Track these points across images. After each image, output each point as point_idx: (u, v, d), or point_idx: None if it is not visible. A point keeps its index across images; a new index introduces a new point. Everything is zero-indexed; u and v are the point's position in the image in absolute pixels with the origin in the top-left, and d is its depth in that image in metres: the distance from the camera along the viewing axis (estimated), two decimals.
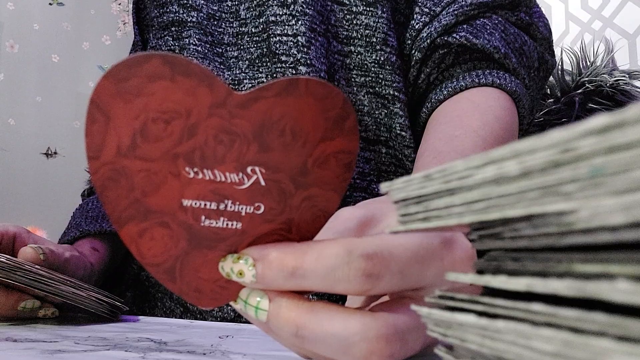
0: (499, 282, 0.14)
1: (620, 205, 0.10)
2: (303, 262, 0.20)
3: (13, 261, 0.39)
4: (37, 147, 2.32)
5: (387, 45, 0.53)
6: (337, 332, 0.20)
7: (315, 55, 0.51)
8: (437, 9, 0.53)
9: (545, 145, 0.12)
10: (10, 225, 0.48)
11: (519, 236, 0.14)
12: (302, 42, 0.51)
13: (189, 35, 0.56)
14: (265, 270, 0.21)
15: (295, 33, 0.51)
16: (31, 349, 0.29)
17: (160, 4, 0.59)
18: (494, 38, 0.50)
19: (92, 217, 0.58)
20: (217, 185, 0.21)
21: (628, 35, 1.83)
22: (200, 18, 0.57)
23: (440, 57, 0.52)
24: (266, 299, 0.21)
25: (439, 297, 0.17)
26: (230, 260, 0.22)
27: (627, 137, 0.10)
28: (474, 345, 0.14)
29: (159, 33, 0.59)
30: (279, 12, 0.52)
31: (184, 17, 0.57)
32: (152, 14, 0.61)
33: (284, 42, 0.51)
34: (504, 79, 0.49)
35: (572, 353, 0.11)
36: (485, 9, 0.52)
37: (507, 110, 0.47)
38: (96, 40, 2.46)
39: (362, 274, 0.20)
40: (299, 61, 0.51)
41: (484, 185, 0.14)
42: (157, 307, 0.56)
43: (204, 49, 0.56)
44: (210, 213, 0.21)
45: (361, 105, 0.53)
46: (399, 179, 0.17)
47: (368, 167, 0.52)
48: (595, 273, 0.11)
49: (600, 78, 0.74)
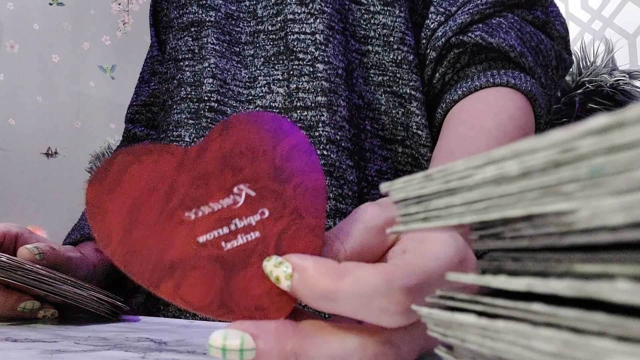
0: (500, 282, 0.14)
1: (620, 205, 0.10)
2: (338, 286, 0.20)
3: (14, 261, 0.39)
4: (37, 147, 2.32)
5: (405, 44, 0.53)
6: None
7: (333, 52, 0.51)
8: (452, 8, 0.53)
9: (545, 145, 0.12)
10: (13, 225, 0.48)
11: (519, 236, 0.14)
12: (320, 39, 0.51)
13: (207, 35, 0.57)
14: (299, 285, 0.21)
15: (313, 31, 0.51)
16: (31, 349, 0.29)
17: (179, 5, 0.60)
18: (509, 37, 0.50)
19: None
20: (219, 213, 0.24)
21: (628, 35, 1.83)
22: (218, 17, 0.57)
23: (455, 56, 0.52)
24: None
25: (439, 297, 0.17)
26: (272, 263, 0.22)
27: (627, 137, 0.10)
28: (474, 345, 0.14)
29: (179, 34, 0.59)
30: (298, 10, 0.53)
31: (203, 17, 0.57)
32: (171, 15, 0.61)
33: (302, 40, 0.52)
34: (519, 79, 0.48)
35: (572, 353, 0.11)
36: (501, 8, 0.52)
37: (521, 109, 0.47)
38: (96, 40, 2.46)
39: (401, 308, 0.20)
40: (317, 59, 0.51)
41: (484, 185, 0.14)
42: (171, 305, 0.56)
43: (222, 48, 0.56)
44: (227, 237, 0.24)
45: (378, 104, 0.53)
46: (399, 179, 0.17)
47: (385, 166, 0.53)
48: (595, 273, 0.11)
49: (600, 78, 0.74)
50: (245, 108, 0.55)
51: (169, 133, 0.58)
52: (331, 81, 0.51)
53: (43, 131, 2.32)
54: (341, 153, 0.50)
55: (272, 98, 0.53)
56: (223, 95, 0.55)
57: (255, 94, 0.54)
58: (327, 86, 0.50)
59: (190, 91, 0.56)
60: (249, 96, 0.55)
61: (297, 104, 0.51)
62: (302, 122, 0.51)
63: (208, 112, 0.55)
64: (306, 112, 0.51)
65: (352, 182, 0.50)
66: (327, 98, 0.50)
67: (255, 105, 0.54)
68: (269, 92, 0.54)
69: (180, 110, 0.57)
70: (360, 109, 0.53)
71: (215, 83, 0.55)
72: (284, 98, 0.52)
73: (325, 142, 0.50)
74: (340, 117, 0.50)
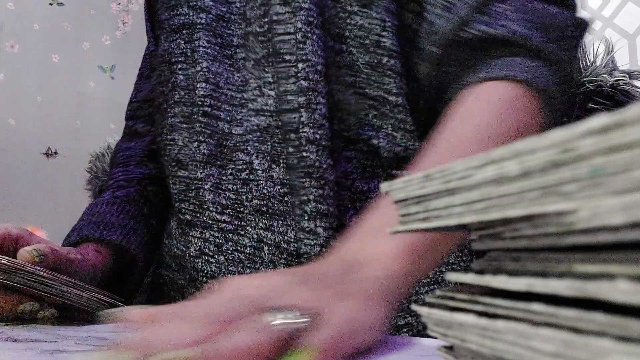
0: (499, 282, 0.14)
1: (620, 205, 0.10)
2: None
3: (14, 263, 0.39)
4: (37, 147, 2.32)
5: (380, 47, 0.52)
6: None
7: (311, 49, 0.50)
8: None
9: (545, 145, 0.12)
10: (13, 227, 0.47)
11: (519, 236, 0.14)
12: (299, 38, 0.50)
13: (198, 38, 0.56)
14: None
15: (295, 30, 0.51)
16: (31, 349, 0.29)
17: (170, 7, 0.59)
18: (512, 23, 0.48)
19: (94, 223, 0.58)
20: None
21: (628, 35, 1.83)
22: (209, 20, 0.56)
23: (459, 51, 0.51)
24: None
25: (439, 297, 0.17)
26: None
27: (627, 137, 0.10)
28: (474, 345, 0.14)
29: (171, 36, 0.59)
30: (281, 10, 0.52)
31: (194, 19, 0.57)
32: (162, 17, 0.61)
33: (287, 41, 0.51)
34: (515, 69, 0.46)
35: (572, 353, 0.11)
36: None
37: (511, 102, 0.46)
38: (96, 40, 2.46)
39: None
40: (297, 59, 0.50)
41: (484, 185, 0.14)
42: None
43: (214, 51, 0.56)
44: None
45: (347, 104, 0.52)
46: (398, 179, 0.17)
47: (350, 166, 0.52)
48: (595, 273, 0.11)
49: (600, 78, 0.74)
50: (239, 112, 0.54)
51: (164, 136, 0.58)
52: (310, 79, 0.50)
53: (43, 131, 2.32)
54: (321, 152, 0.49)
55: (263, 101, 0.53)
56: (216, 100, 0.55)
57: (247, 97, 0.54)
58: (306, 85, 0.50)
59: (184, 95, 0.56)
60: (242, 100, 0.54)
61: (285, 107, 0.51)
62: (290, 125, 0.50)
63: (202, 116, 0.54)
64: (292, 114, 0.50)
65: (332, 181, 0.49)
66: (306, 97, 0.50)
67: (247, 108, 0.54)
68: (260, 95, 0.53)
69: (174, 114, 0.57)
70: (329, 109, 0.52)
71: (208, 87, 0.55)
72: (275, 101, 0.52)
73: (304, 143, 0.49)
74: (320, 114, 0.50)
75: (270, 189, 0.51)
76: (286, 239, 0.50)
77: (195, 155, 0.55)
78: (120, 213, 0.60)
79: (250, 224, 0.51)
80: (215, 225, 0.53)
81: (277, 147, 0.51)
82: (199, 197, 0.54)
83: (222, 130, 0.54)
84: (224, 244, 0.52)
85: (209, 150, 0.54)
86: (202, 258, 0.53)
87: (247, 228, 0.51)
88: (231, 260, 0.51)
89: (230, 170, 0.53)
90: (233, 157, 0.53)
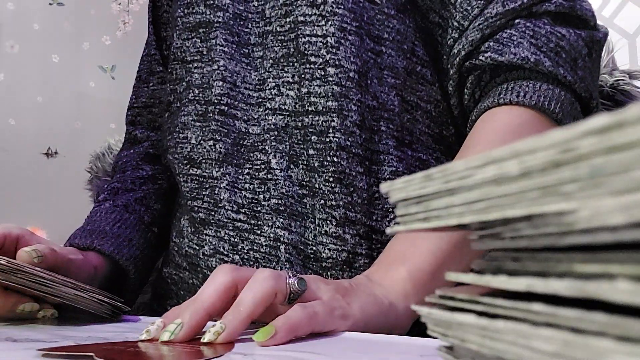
0: (499, 282, 0.14)
1: (620, 205, 0.10)
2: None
3: (13, 263, 0.39)
4: (37, 147, 2.32)
5: (415, 55, 0.53)
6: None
7: (344, 55, 0.50)
8: (465, 22, 0.52)
9: (545, 145, 0.12)
10: (14, 226, 0.47)
11: (519, 236, 0.14)
12: (332, 42, 0.51)
13: (215, 37, 0.56)
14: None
15: (324, 34, 0.51)
16: (31, 349, 0.29)
17: (185, 4, 0.59)
18: (521, 49, 0.49)
19: (88, 231, 0.57)
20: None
21: (628, 35, 1.83)
22: (226, 18, 0.57)
23: (477, 76, 0.52)
24: None
25: (439, 297, 0.17)
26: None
27: (627, 137, 0.10)
28: (474, 345, 0.14)
29: (185, 34, 0.59)
30: (308, 12, 0.52)
31: (211, 18, 0.57)
32: (175, 13, 0.61)
33: (313, 43, 0.51)
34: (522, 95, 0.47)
35: (572, 353, 0.11)
36: (513, 16, 0.50)
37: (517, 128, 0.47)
38: (96, 40, 2.46)
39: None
40: (328, 62, 0.50)
41: (484, 185, 0.14)
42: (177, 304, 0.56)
43: (231, 50, 0.56)
44: None
45: (392, 105, 0.53)
46: (399, 179, 0.17)
47: (401, 166, 0.52)
48: (595, 273, 0.11)
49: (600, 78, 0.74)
50: (255, 111, 0.54)
51: (175, 135, 0.58)
52: (342, 85, 0.50)
53: (43, 131, 2.32)
54: (352, 159, 0.50)
55: (281, 100, 0.53)
56: (233, 99, 0.55)
57: (264, 96, 0.54)
58: (338, 90, 0.50)
59: (198, 93, 0.56)
60: (259, 99, 0.54)
61: (308, 108, 0.51)
62: (313, 127, 0.50)
63: (218, 115, 0.54)
64: (317, 117, 0.50)
65: (361, 189, 0.50)
66: (338, 103, 0.50)
67: (264, 107, 0.54)
68: (279, 95, 0.53)
69: (188, 112, 0.57)
70: (375, 110, 0.52)
71: (225, 86, 0.55)
72: (294, 101, 0.52)
73: (335, 148, 0.49)
74: (351, 122, 0.50)
75: (289, 189, 0.51)
76: (303, 240, 0.50)
77: (210, 154, 0.54)
78: (116, 222, 0.60)
79: (267, 222, 0.51)
80: (231, 223, 0.52)
81: (296, 147, 0.52)
82: (214, 195, 0.54)
83: (238, 129, 0.54)
84: (239, 242, 0.52)
85: (225, 149, 0.54)
86: (216, 257, 0.52)
87: (264, 227, 0.51)
88: (246, 259, 0.51)
89: (247, 169, 0.53)
90: (250, 156, 0.53)
